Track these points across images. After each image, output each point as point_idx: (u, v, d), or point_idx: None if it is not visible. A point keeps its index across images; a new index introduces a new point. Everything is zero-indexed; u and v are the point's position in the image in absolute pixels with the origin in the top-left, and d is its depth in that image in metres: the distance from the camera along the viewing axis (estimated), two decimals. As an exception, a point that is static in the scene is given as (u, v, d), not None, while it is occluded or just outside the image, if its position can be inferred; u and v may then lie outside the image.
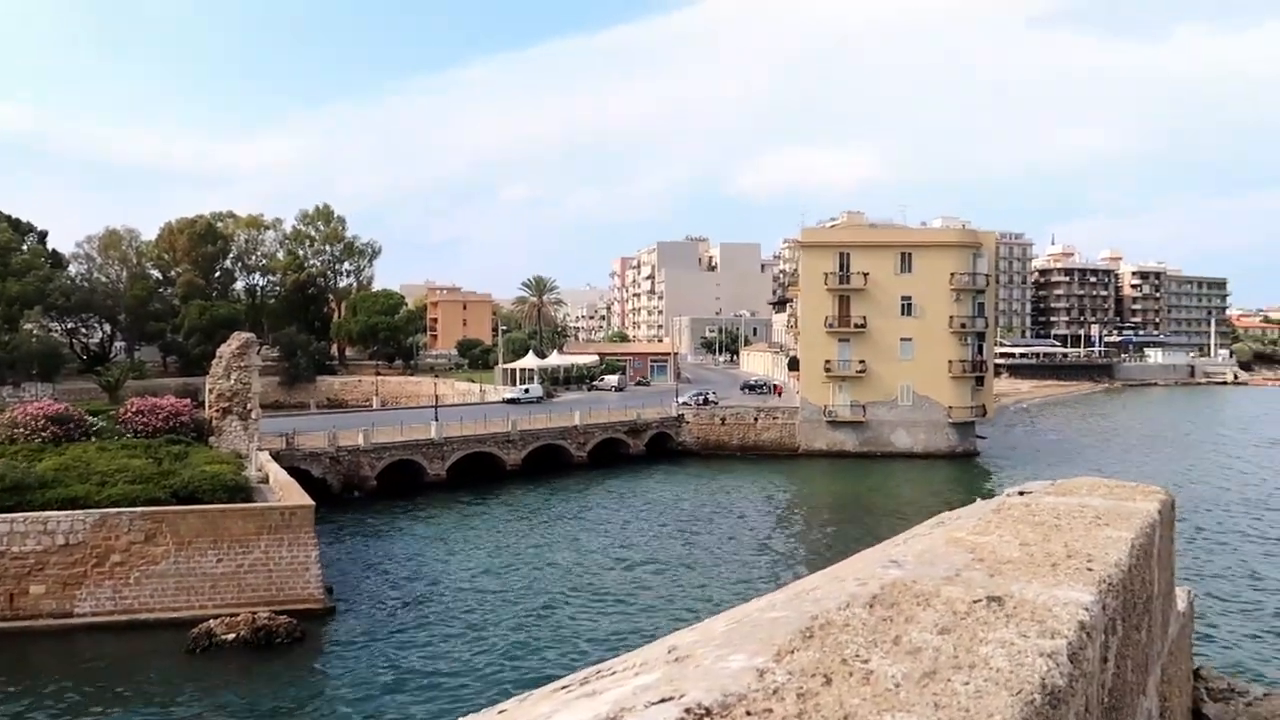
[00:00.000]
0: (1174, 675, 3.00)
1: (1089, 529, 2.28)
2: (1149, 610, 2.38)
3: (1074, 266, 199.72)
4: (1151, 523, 2.47)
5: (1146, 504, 2.64)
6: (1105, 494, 2.83)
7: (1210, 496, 55.40)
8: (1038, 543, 2.12)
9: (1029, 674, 1.34)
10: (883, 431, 74.97)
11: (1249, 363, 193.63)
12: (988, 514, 2.50)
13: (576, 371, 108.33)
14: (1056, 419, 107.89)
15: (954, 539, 2.16)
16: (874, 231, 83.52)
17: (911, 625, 1.50)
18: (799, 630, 1.44)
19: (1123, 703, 1.90)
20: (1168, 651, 2.83)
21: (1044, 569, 1.88)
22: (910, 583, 1.73)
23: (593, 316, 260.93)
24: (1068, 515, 2.44)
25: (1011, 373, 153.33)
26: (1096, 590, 1.74)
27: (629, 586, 35.93)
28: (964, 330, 75.12)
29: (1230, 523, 47.71)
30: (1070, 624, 1.53)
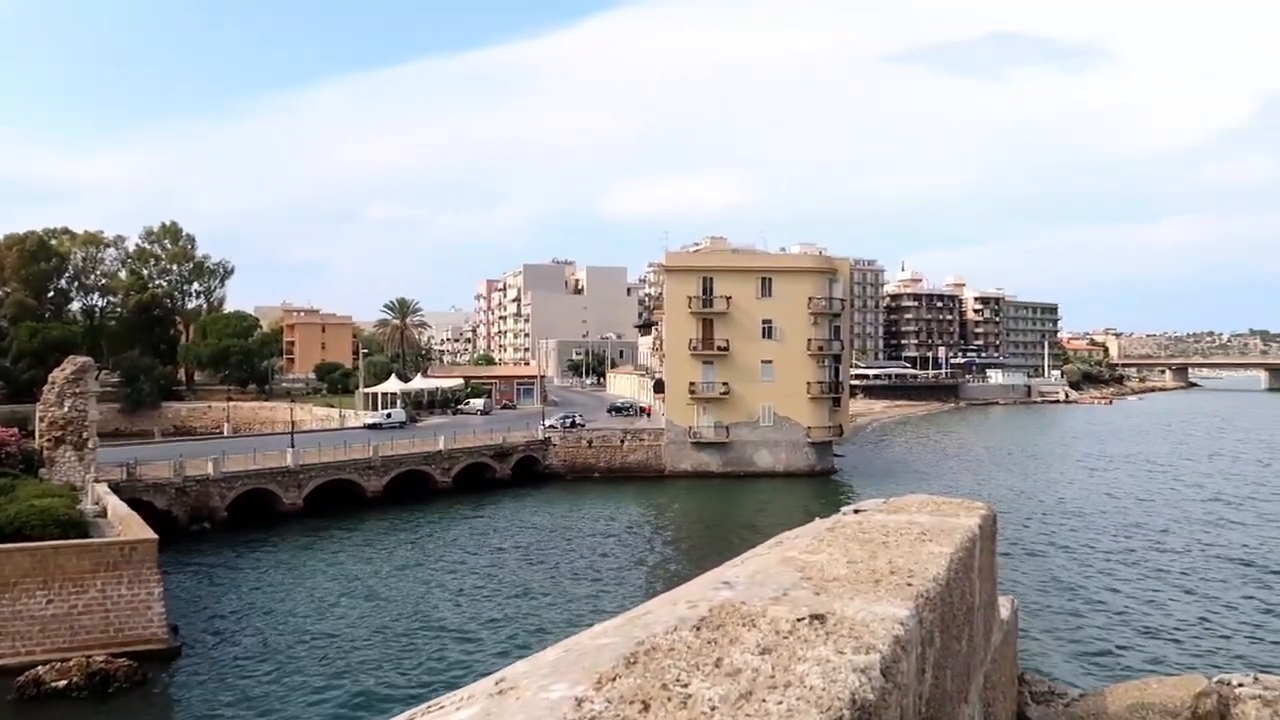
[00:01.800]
0: (998, 681, 3.17)
1: (913, 545, 2.39)
2: (970, 621, 2.51)
3: (922, 292, 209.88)
4: (972, 537, 2.61)
5: (968, 519, 2.79)
6: (933, 510, 2.98)
7: (1037, 509, 58.92)
8: (864, 560, 2.21)
9: (840, 690, 1.38)
10: (746, 451, 76.59)
11: (1078, 382, 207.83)
12: (822, 532, 2.58)
13: (441, 395, 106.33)
14: (907, 437, 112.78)
15: (786, 558, 2.23)
16: (736, 256, 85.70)
17: (735, 646, 1.53)
18: (623, 656, 1.45)
19: (943, 711, 1.99)
20: (991, 659, 2.98)
21: (867, 586, 1.96)
22: (739, 604, 1.77)
23: (458, 339, 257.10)
24: (896, 532, 2.55)
25: (866, 393, 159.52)
26: (914, 605, 1.82)
27: (488, 618, 35.16)
28: (821, 352, 77.69)
29: (1053, 534, 50.69)
30: (886, 639, 1.60)
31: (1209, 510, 57.62)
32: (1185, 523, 53.35)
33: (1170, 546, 46.64)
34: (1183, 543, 47.55)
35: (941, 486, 69.06)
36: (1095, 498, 63.22)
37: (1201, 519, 54.55)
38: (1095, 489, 67.38)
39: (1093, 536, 49.68)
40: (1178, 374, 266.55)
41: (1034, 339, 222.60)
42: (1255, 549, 45.74)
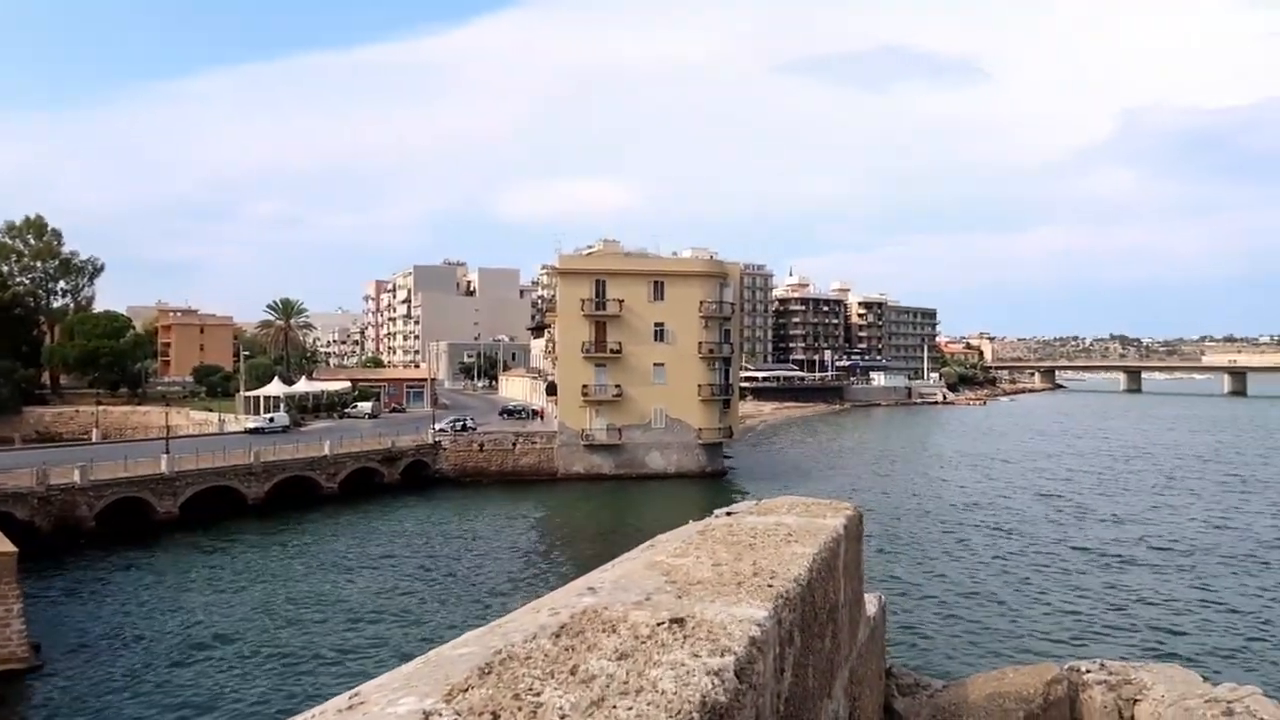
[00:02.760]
0: (865, 676, 3.27)
1: (779, 547, 2.45)
2: (834, 619, 2.58)
3: (809, 297, 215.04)
4: (837, 537, 2.69)
5: (834, 520, 2.87)
6: (801, 512, 3.05)
7: (912, 507, 61.05)
8: (729, 562, 2.25)
9: (692, 694, 1.40)
10: (638, 454, 77.04)
11: (955, 384, 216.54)
12: (692, 536, 2.62)
13: (327, 399, 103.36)
14: (794, 438, 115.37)
15: (653, 563, 2.25)
16: (629, 260, 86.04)
17: (593, 653, 1.54)
18: (478, 667, 1.44)
19: (804, 708, 2.05)
20: (858, 655, 3.08)
21: (730, 588, 2.00)
22: (601, 609, 1.78)
23: (345, 341, 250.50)
24: (763, 534, 2.61)
25: (755, 395, 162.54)
26: (773, 606, 1.87)
27: (371, 633, 34.07)
28: (712, 355, 78.79)
29: (925, 532, 52.50)
30: (742, 640, 1.63)
31: (1067, 506, 60.61)
32: (1045, 519, 55.98)
33: (1030, 542, 48.86)
34: (1042, 538, 49.87)
35: (826, 486, 70.92)
36: (965, 496, 65.82)
37: (1060, 515, 57.34)
38: (965, 487, 70.18)
39: (961, 533, 51.67)
40: (1046, 376, 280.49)
41: (914, 342, 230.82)
42: (1108, 543, 48.31)
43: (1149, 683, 3.75)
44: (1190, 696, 3.47)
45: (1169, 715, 3.49)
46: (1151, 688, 3.71)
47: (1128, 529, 52.13)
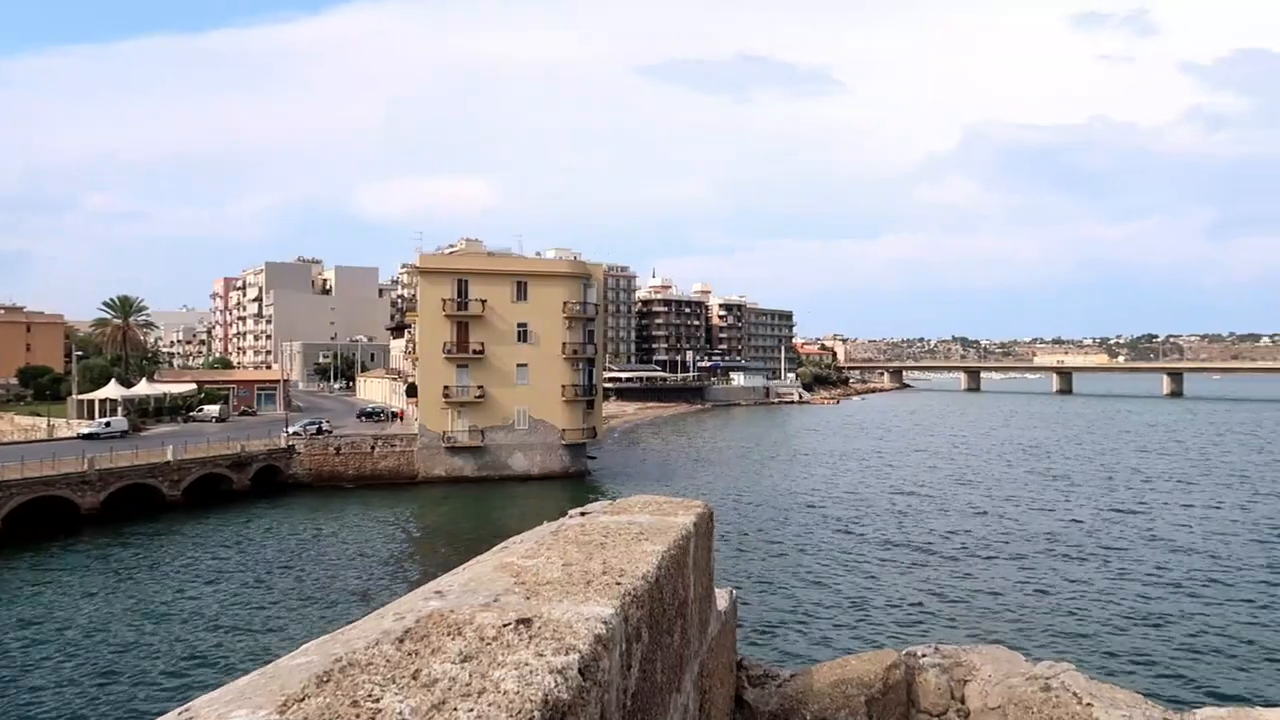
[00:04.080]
0: (715, 668, 3.36)
1: (629, 545, 2.50)
2: (684, 614, 2.65)
3: (672, 298, 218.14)
4: (687, 535, 2.76)
5: (685, 518, 2.95)
6: (654, 510, 3.11)
7: (766, 503, 62.62)
8: (580, 562, 2.28)
9: (534, 693, 1.42)
10: (500, 455, 76.35)
11: (810, 384, 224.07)
12: (545, 536, 2.64)
13: (171, 402, 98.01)
14: (657, 438, 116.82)
15: (504, 564, 2.26)
16: (492, 260, 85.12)
17: (436, 657, 1.53)
18: (317, 675, 1.41)
19: (652, 703, 2.10)
20: (708, 649, 3.17)
21: (579, 587, 2.02)
22: (448, 612, 1.77)
23: (191, 341, 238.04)
24: (615, 533, 2.65)
25: (618, 396, 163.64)
26: (620, 603, 1.91)
27: (209, 645, 32.23)
28: (576, 356, 78.88)
29: (778, 526, 53.93)
30: (587, 638, 1.66)
31: (909, 501, 63.24)
32: (889, 513, 58.25)
33: (875, 536, 50.86)
34: (886, 532, 51.99)
35: (687, 484, 72.13)
36: (816, 492, 67.93)
37: (902, 509, 59.77)
38: (817, 484, 72.47)
39: (811, 528, 53.35)
40: (894, 376, 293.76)
41: (772, 343, 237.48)
42: (946, 535, 50.77)
43: (978, 664, 4.01)
44: (1013, 675, 3.73)
45: (994, 693, 3.74)
46: (980, 668, 3.96)
47: (964, 521, 55.03)
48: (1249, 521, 53.71)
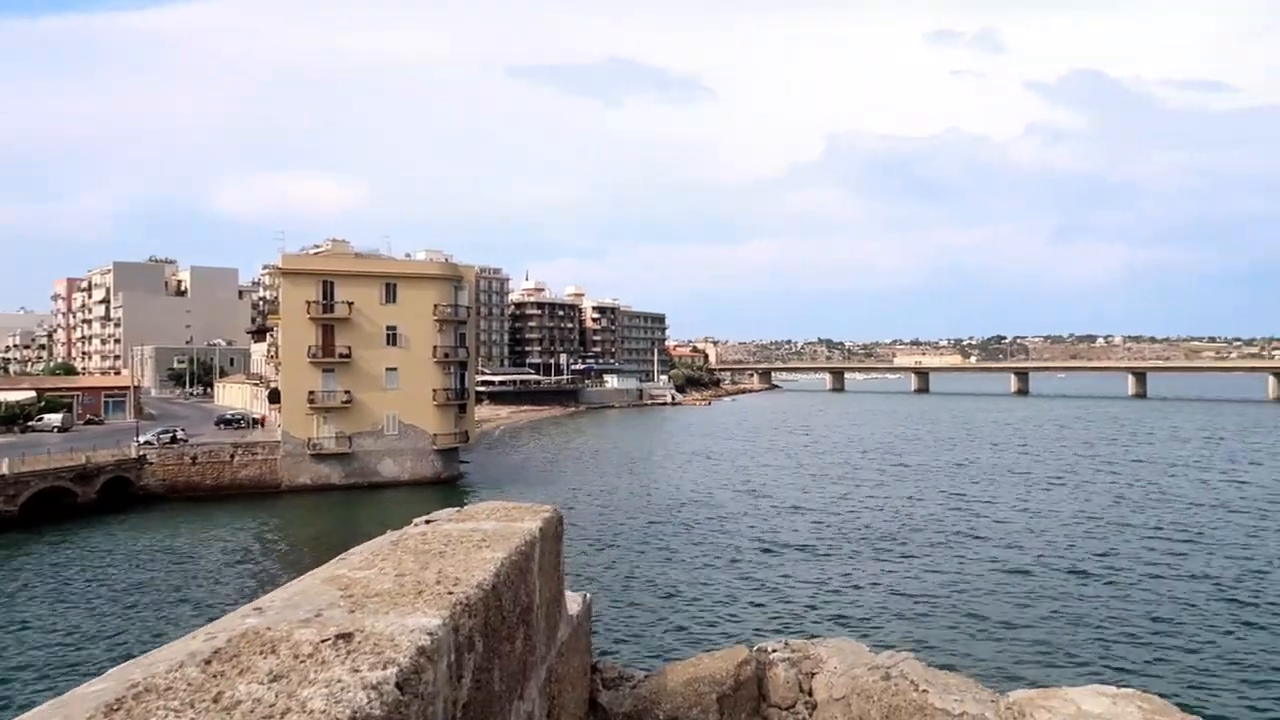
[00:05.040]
0: (567, 673, 3.36)
1: (469, 553, 2.46)
2: (526, 621, 2.63)
3: (545, 301, 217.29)
4: (531, 540, 2.74)
5: (531, 523, 2.93)
6: (502, 516, 3.09)
7: (633, 504, 62.84)
8: (414, 572, 2.23)
9: (343, 711, 1.38)
10: (369, 462, 74.43)
11: (683, 386, 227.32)
12: (383, 547, 2.58)
13: (7, 410, 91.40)
14: (531, 441, 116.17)
15: (333, 576, 2.19)
16: (359, 261, 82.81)
17: (244, 678, 1.47)
18: (107, 704, 1.33)
19: (489, 711, 2.07)
20: (558, 654, 3.16)
21: (409, 598, 1.98)
22: (264, 630, 1.70)
23: (29, 345, 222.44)
24: (457, 541, 2.61)
25: (492, 399, 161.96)
26: (450, 613, 1.88)
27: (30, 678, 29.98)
28: (447, 360, 77.65)
29: (642, 527, 53.99)
30: (409, 651, 1.62)
31: (770, 500, 64.27)
32: (750, 513, 59.02)
33: (736, 535, 51.60)
34: (746, 531, 52.88)
35: (559, 487, 71.94)
36: (683, 493, 68.37)
37: (767, 507, 60.99)
38: (684, 485, 73.07)
39: (676, 529, 53.85)
40: (763, 377, 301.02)
41: (645, 346, 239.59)
42: (805, 532, 51.96)
43: (825, 656, 4.14)
44: (857, 666, 3.87)
45: (839, 684, 3.87)
46: (827, 661, 4.10)
47: (823, 518, 56.49)
48: (1082, 514, 57.25)
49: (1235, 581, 39.22)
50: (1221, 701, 25.86)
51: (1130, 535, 49.43)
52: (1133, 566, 42.12)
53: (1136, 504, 59.71)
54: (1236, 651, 30.35)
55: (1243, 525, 52.04)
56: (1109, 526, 52.06)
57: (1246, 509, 57.55)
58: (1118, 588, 38.59)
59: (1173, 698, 13.96)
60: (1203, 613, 34.72)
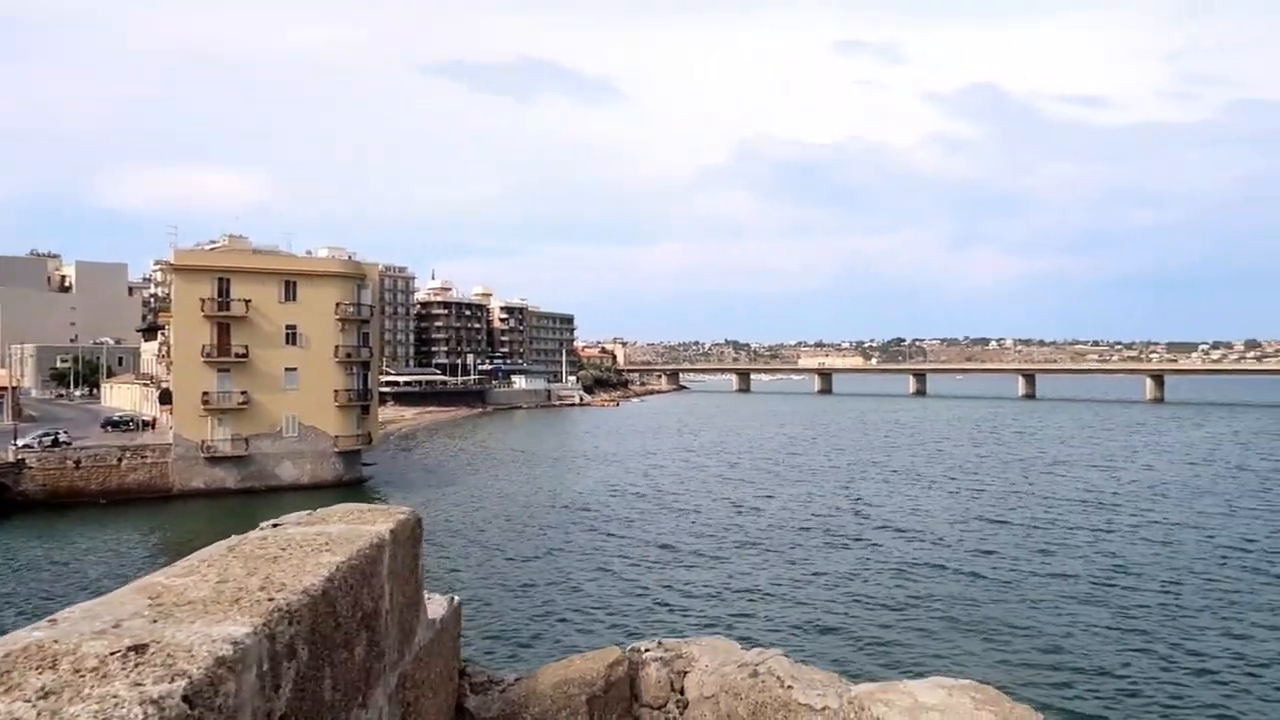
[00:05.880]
0: (427, 679, 3.28)
1: (306, 558, 2.37)
2: (370, 627, 2.55)
3: (452, 300, 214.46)
4: (379, 543, 2.66)
5: (382, 525, 2.85)
6: (355, 519, 3.00)
7: (528, 506, 62.00)
8: (240, 578, 2.13)
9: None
10: (267, 464, 72.27)
11: (591, 387, 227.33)
12: (214, 553, 2.46)
13: None
14: (437, 443, 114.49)
15: (146, 584, 2.08)
16: (258, 258, 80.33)
17: (9, 696, 1.36)
18: None
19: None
20: (415, 659, 3.08)
21: (224, 606, 1.89)
22: (49, 643, 1.59)
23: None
24: (298, 545, 2.52)
25: (396, 400, 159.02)
26: (265, 620, 1.80)
27: None
28: (350, 359, 75.99)
29: (532, 529, 53.35)
30: (206, 662, 1.54)
31: (668, 499, 64.51)
32: (646, 511, 59.12)
33: (629, 534, 51.59)
34: (640, 529, 52.81)
35: (461, 489, 71.10)
36: (580, 493, 67.96)
37: (661, 507, 60.93)
38: (583, 485, 72.85)
39: (568, 529, 53.54)
40: (671, 378, 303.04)
41: (554, 346, 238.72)
42: (696, 532, 52.14)
43: (697, 655, 4.15)
44: (728, 664, 3.89)
45: (709, 682, 3.89)
46: (699, 659, 4.11)
47: (714, 518, 56.88)
48: (966, 512, 59.15)
49: (1094, 576, 40.99)
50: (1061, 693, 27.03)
51: (1004, 533, 51.08)
52: (1002, 564, 43.53)
53: (1015, 503, 61.84)
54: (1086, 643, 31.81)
55: (1111, 521, 54.54)
56: (989, 525, 53.70)
57: (1117, 504, 60.47)
58: (990, 584, 39.89)
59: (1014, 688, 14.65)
60: (1058, 606, 36.19)
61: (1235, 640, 31.93)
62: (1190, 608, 35.80)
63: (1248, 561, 43.85)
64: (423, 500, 65.88)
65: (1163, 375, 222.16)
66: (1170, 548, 46.62)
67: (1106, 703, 26.26)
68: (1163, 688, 27.38)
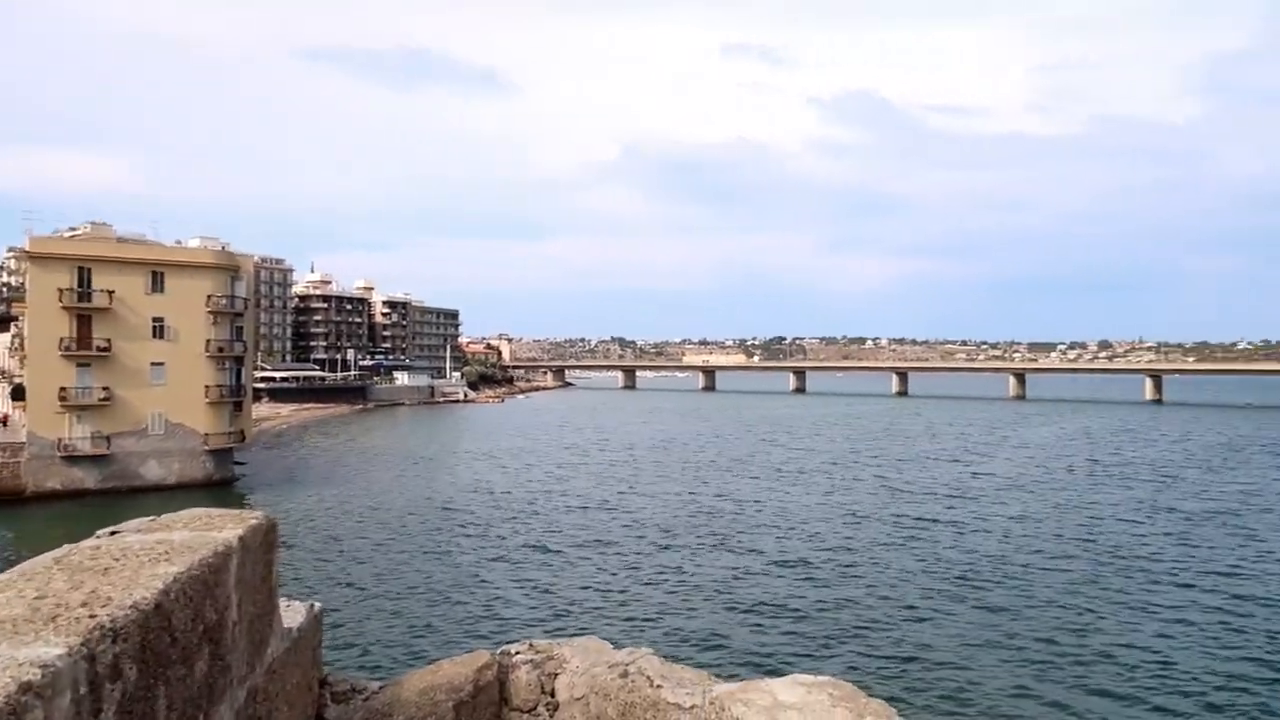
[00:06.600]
0: (281, 692, 3.15)
1: (141, 568, 2.23)
2: (214, 640, 2.42)
3: (332, 294, 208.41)
4: (225, 552, 2.53)
5: (230, 533, 2.71)
6: (202, 525, 2.84)
7: (405, 507, 59.94)
8: (61, 593, 1.99)
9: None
10: (131, 464, 68.74)
11: (476, 383, 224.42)
12: (38, 565, 2.29)
13: None
14: (315, 441, 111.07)
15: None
16: (122, 246, 76.17)
17: None
18: None
19: (150, 745, 1.88)
20: (268, 671, 2.95)
21: (38, 625, 1.75)
22: None
23: None
24: (134, 555, 2.36)
25: (273, 397, 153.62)
26: (83, 640, 1.67)
27: None
28: (222, 354, 73.02)
29: (407, 532, 51.76)
30: (9, 689, 1.41)
31: (546, 498, 63.66)
32: (523, 511, 57.99)
33: (506, 535, 50.55)
34: (517, 530, 51.95)
35: (337, 488, 69.13)
36: (459, 493, 66.11)
37: (538, 507, 59.94)
38: (461, 484, 71.05)
39: (443, 530, 52.22)
40: (557, 375, 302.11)
41: (438, 342, 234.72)
42: (574, 531, 51.80)
43: (568, 656, 4.12)
44: (599, 664, 3.88)
45: (580, 684, 3.86)
46: (570, 661, 4.08)
47: (591, 516, 56.62)
48: (841, 508, 60.96)
49: (953, 571, 42.62)
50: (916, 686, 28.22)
51: (873, 529, 52.28)
52: (868, 560, 44.63)
53: (886, 499, 63.61)
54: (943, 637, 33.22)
55: (973, 516, 56.98)
56: (858, 521, 54.89)
57: (980, 500, 63.31)
58: (858, 580, 40.92)
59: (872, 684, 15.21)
60: (919, 602, 37.60)
61: (1082, 629, 33.91)
62: (1040, 599, 37.73)
63: (1096, 553, 46.62)
64: (296, 501, 63.80)
65: (1024, 374, 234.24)
66: (1024, 542, 48.97)
67: (959, 693, 27.45)
68: (1014, 677, 28.79)
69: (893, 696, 26.96)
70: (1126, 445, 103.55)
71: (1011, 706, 26.42)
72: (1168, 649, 31.29)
